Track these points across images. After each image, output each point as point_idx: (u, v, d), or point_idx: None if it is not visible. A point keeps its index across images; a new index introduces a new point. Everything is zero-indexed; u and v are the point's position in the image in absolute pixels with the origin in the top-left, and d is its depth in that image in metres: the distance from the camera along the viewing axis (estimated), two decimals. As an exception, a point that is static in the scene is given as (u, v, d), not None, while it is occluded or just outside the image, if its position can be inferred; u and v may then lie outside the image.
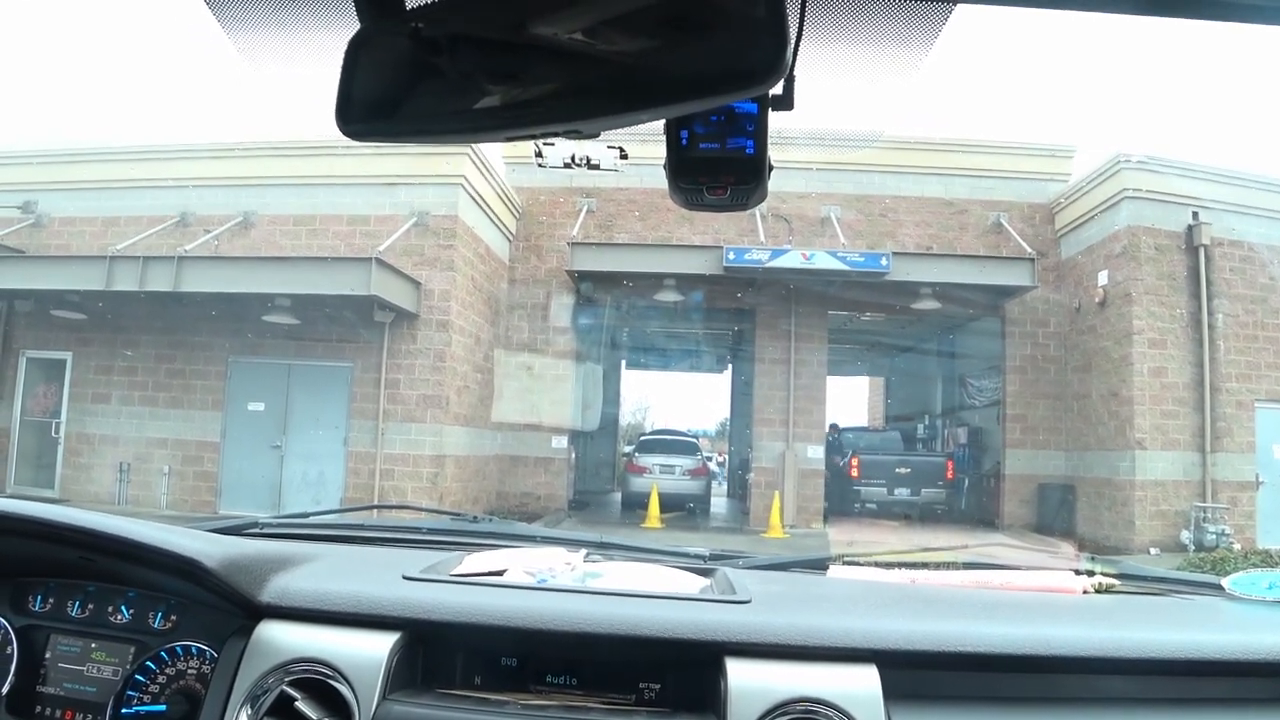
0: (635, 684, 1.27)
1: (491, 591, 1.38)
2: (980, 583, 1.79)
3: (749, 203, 1.00)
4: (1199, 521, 13.47)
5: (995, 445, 16.44)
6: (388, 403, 13.00)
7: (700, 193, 0.97)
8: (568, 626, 1.25)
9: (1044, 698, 1.28)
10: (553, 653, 1.29)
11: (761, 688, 1.18)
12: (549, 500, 15.38)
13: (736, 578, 1.56)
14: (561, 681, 1.28)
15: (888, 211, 15.77)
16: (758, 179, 0.96)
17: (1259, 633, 1.42)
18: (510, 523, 2.40)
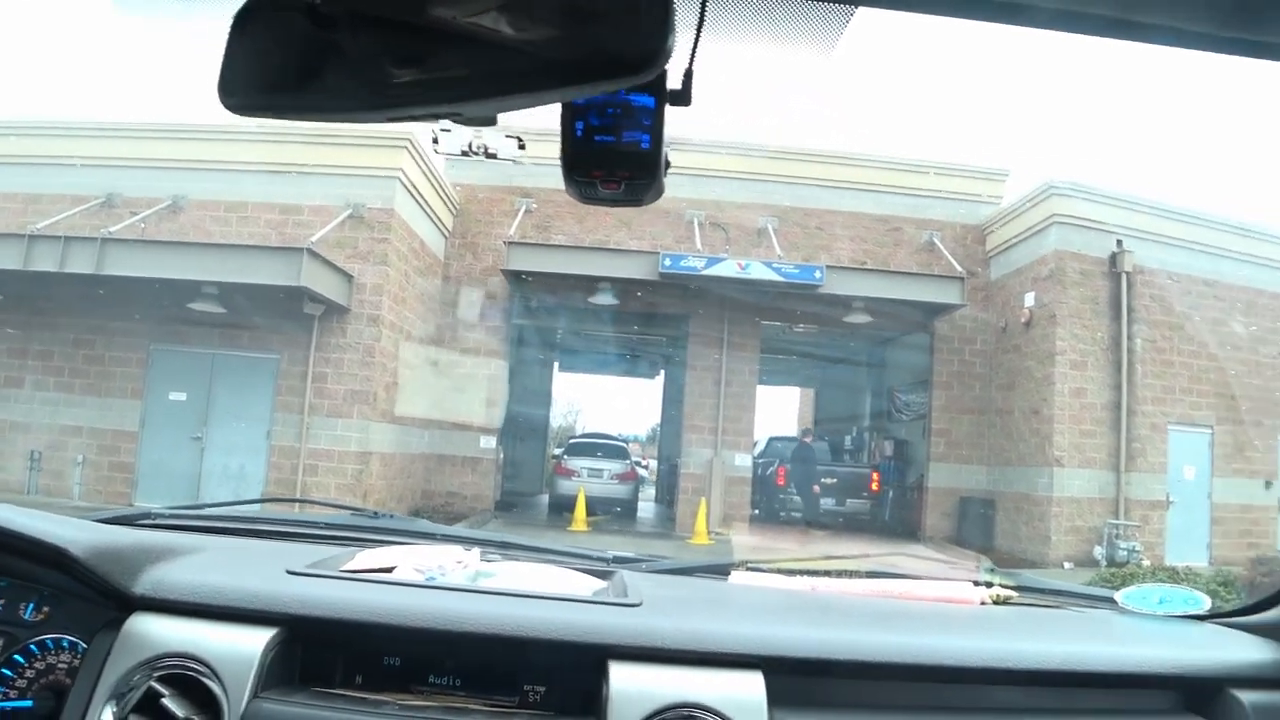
0: (520, 686, 1.27)
1: (376, 588, 1.38)
2: (880, 592, 1.84)
3: (644, 198, 1.00)
4: (1111, 538, 14.29)
5: (920, 458, 17.22)
6: (314, 397, 13.04)
7: (594, 186, 0.97)
8: (452, 626, 1.25)
9: (934, 707, 1.32)
10: (437, 652, 1.28)
11: (643, 692, 1.18)
12: (475, 501, 15.57)
13: (634, 581, 1.57)
14: (445, 682, 1.27)
15: (824, 225, 16.40)
16: (653, 175, 0.96)
17: (1148, 646, 1.47)
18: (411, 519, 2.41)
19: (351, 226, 13.39)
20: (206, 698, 1.20)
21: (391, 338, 13.75)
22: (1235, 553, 14.66)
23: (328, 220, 13.14)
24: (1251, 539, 15.10)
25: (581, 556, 1.90)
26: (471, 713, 1.23)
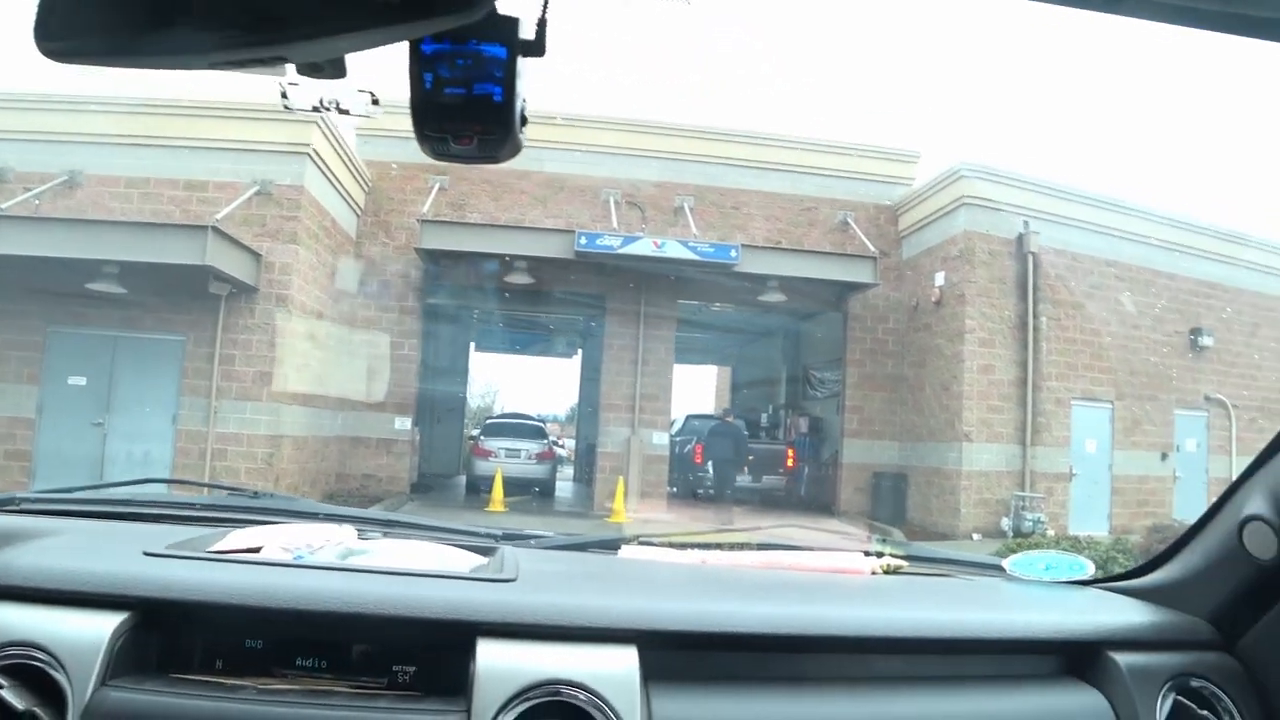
0: (389, 667, 1.23)
1: (237, 569, 1.33)
2: (770, 563, 1.84)
3: (499, 155, 0.96)
4: (1018, 510, 14.89)
5: (834, 435, 17.67)
6: (222, 379, 12.79)
7: (446, 141, 0.94)
8: (316, 605, 1.20)
9: (817, 678, 1.31)
10: (302, 634, 1.23)
11: (511, 669, 1.16)
12: (391, 483, 15.50)
13: (515, 557, 1.53)
14: (311, 664, 1.23)
15: (740, 205, 16.66)
16: (507, 129, 0.93)
17: (1032, 612, 1.50)
18: (293, 498, 2.33)
19: (259, 204, 13.14)
20: (50, 688, 1.14)
21: (302, 318, 13.55)
22: (1134, 521, 15.38)
23: (234, 197, 12.87)
24: (1149, 508, 15.85)
25: (468, 534, 1.87)
26: (335, 695, 1.18)
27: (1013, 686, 1.39)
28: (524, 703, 1.14)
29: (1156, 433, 16.60)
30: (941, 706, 1.32)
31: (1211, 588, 1.48)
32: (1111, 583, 1.73)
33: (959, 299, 15.36)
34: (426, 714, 1.16)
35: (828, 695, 1.28)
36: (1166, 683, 1.37)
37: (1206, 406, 17.09)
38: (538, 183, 16.23)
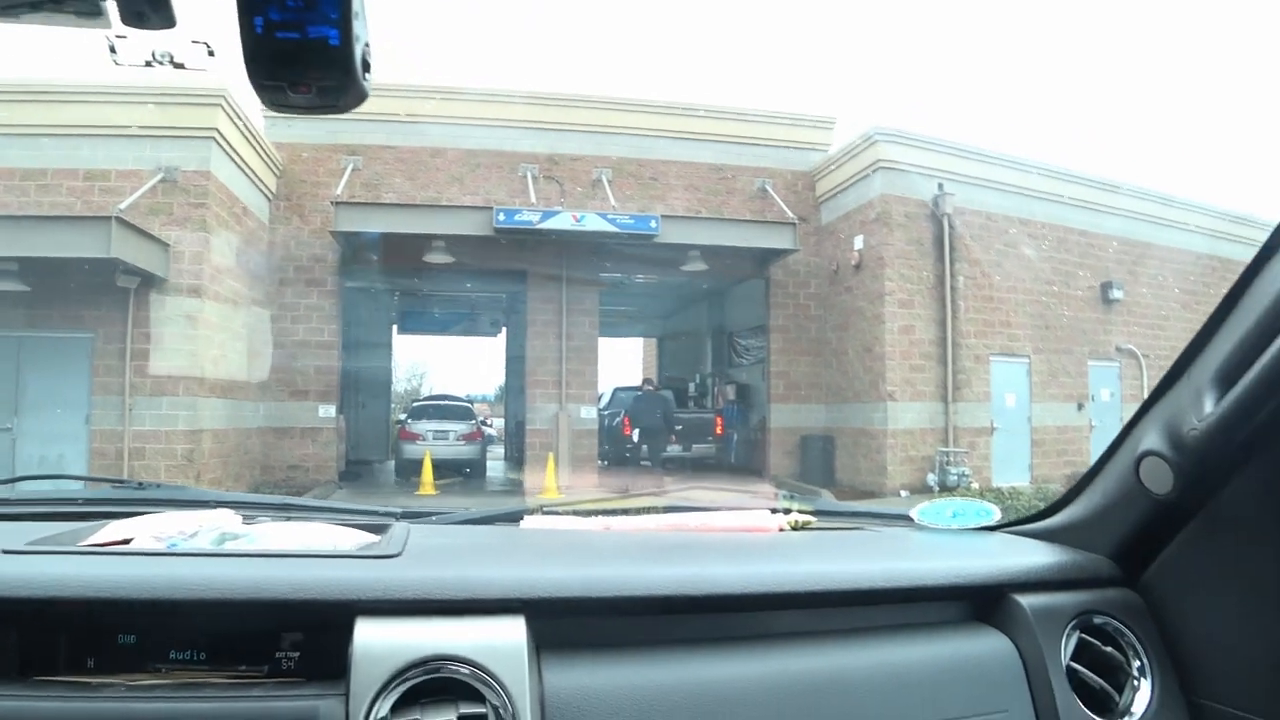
0: (271, 653, 1.18)
1: (103, 561, 1.25)
2: (675, 526, 1.82)
3: (341, 103, 0.93)
4: (943, 465, 15.37)
5: (761, 401, 17.96)
6: (135, 376, 12.49)
7: (283, 91, 0.90)
8: (188, 594, 1.15)
9: (718, 638, 1.30)
10: (177, 625, 1.17)
11: (391, 647, 1.13)
12: (318, 472, 15.35)
13: (408, 533, 1.49)
14: (187, 656, 1.17)
15: (658, 175, 16.77)
16: (346, 75, 0.89)
17: (939, 559, 1.51)
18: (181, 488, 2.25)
19: (165, 191, 12.85)
20: None
21: (216, 308, 13.29)
22: (1053, 471, 15.99)
23: (138, 185, 12.58)
24: (1067, 457, 16.47)
25: (365, 513, 1.81)
26: (211, 686, 1.14)
27: (919, 634, 1.39)
28: (404, 682, 1.10)
29: (1072, 384, 17.23)
30: (846, 658, 1.31)
31: (1112, 525, 1.49)
32: (1017, 526, 1.75)
33: (878, 262, 15.67)
34: (303, 700, 1.11)
35: (729, 654, 1.27)
36: (1070, 621, 1.40)
37: (1118, 357, 17.78)
38: (453, 160, 16.13)
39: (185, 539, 1.45)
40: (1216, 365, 1.23)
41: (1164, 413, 1.33)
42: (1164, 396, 1.34)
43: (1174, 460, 1.30)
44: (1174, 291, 18.17)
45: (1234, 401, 1.18)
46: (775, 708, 1.21)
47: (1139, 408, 1.39)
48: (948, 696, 1.30)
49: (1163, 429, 1.32)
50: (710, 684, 1.21)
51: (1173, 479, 1.31)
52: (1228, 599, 1.34)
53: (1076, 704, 1.32)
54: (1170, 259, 18.22)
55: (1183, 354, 1.29)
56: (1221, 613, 1.35)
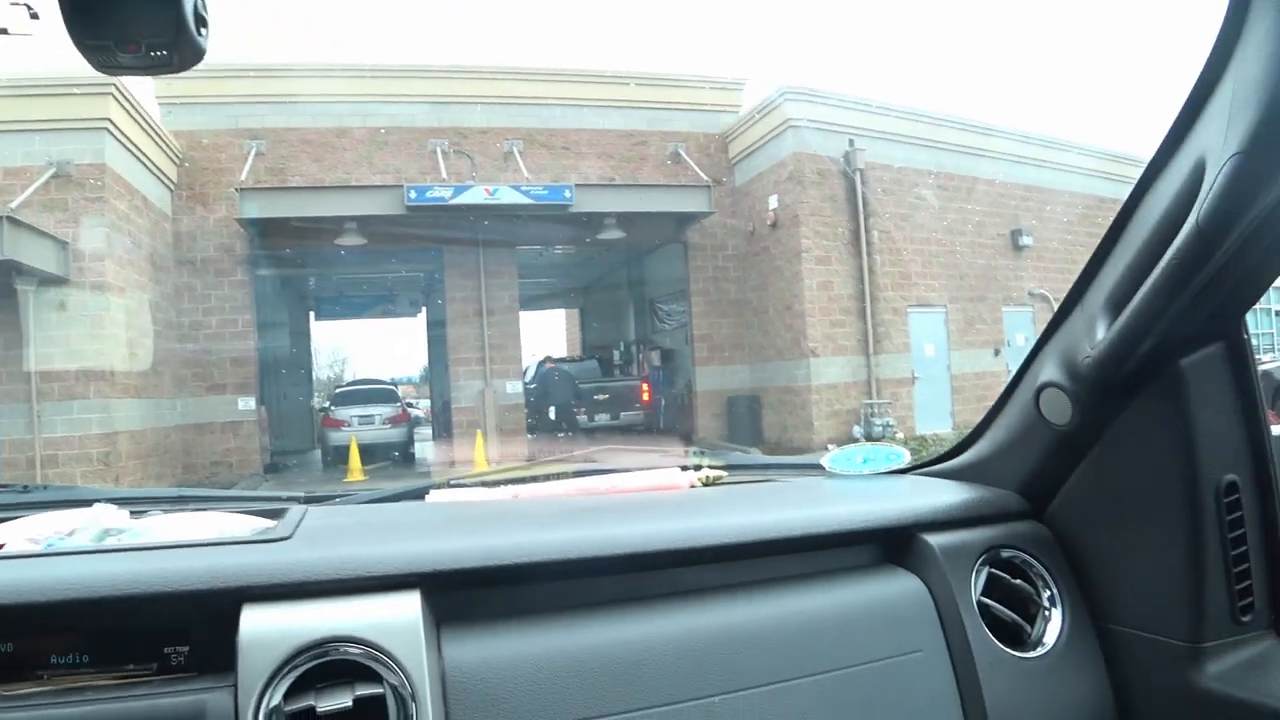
0: (159, 650, 1.13)
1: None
2: (586, 490, 1.80)
3: (174, 61, 0.87)
4: (867, 417, 15.74)
5: (686, 364, 18.20)
6: (41, 381, 12.15)
7: (109, 50, 0.85)
8: (62, 595, 1.09)
9: (626, 598, 1.28)
10: (55, 628, 1.12)
11: (280, 633, 1.09)
12: (243, 466, 15.15)
13: (304, 516, 1.44)
14: (69, 661, 1.11)
15: (570, 145, 16.75)
16: (178, 31, 0.84)
17: (850, 504, 1.49)
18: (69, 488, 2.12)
19: (59, 187, 12.50)
20: None
21: (122, 305, 12.96)
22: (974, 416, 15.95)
23: (29, 182, 12.23)
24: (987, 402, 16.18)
25: (265, 499, 1.74)
26: (94, 689, 1.08)
27: (832, 580, 1.38)
28: (295, 669, 1.06)
29: (988, 331, 17.76)
30: (759, 609, 1.30)
31: (1017, 459, 1.51)
32: (926, 468, 1.76)
33: (793, 220, 15.92)
34: (191, 695, 1.07)
35: (639, 614, 1.26)
36: (979, 557, 1.41)
37: (1031, 302, 18.34)
38: (360, 139, 15.91)
39: (62, 539, 1.38)
40: (1105, 295, 1.27)
41: (1060, 344, 1.37)
42: (1059, 328, 1.37)
43: (1071, 390, 1.34)
44: (1080, 235, 18.73)
45: (1122, 328, 1.23)
46: (688, 663, 1.21)
47: (1036, 342, 1.43)
48: (862, 640, 1.30)
49: (1059, 360, 1.36)
50: (620, 645, 1.20)
51: (1071, 409, 1.35)
52: (1129, 524, 1.37)
53: (989, 638, 1.34)
54: (1075, 203, 18.80)
55: (1074, 286, 1.33)
56: (1124, 538, 1.38)
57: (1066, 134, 19.55)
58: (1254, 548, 1.30)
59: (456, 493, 1.83)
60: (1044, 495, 1.50)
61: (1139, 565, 1.36)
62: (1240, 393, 1.30)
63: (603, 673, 1.17)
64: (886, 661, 1.30)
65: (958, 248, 17.35)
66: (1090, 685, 1.38)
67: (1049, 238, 18.60)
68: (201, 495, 1.81)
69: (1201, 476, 1.27)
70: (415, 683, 1.07)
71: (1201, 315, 1.20)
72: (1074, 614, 1.40)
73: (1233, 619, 1.29)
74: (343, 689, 1.06)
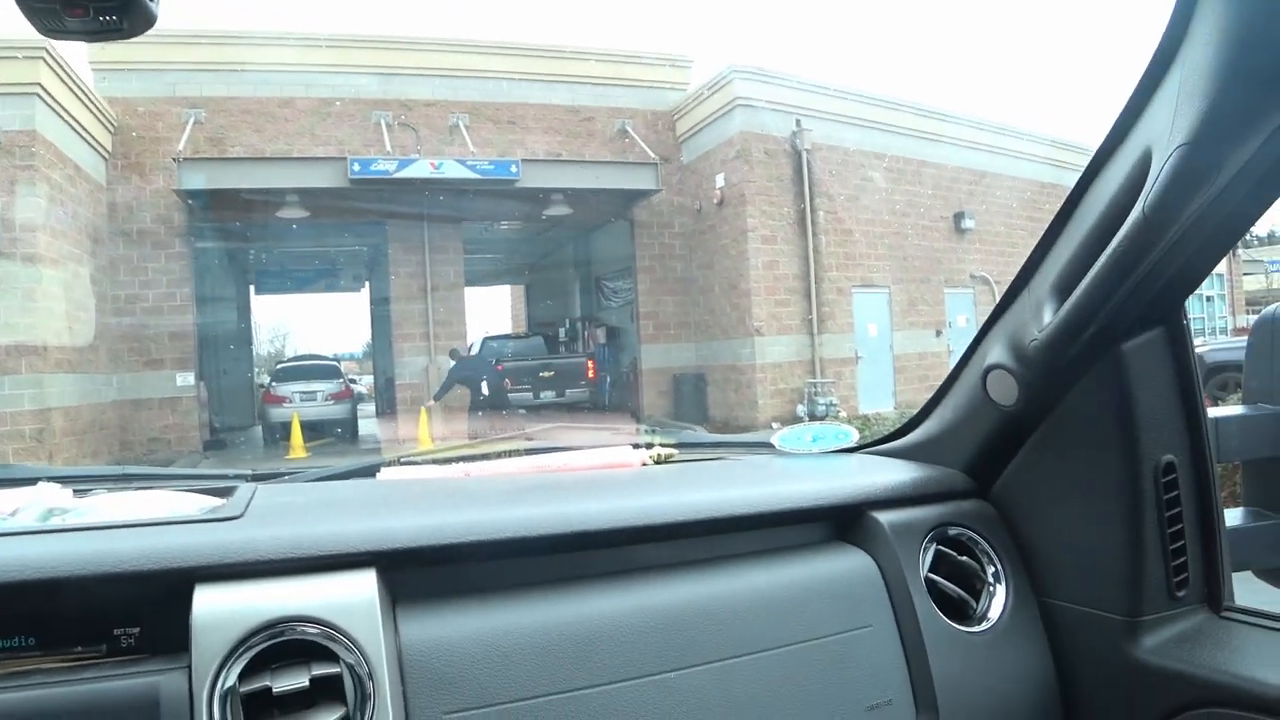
0: (109, 632, 1.12)
1: None
2: (538, 468, 1.81)
3: (125, 25, 0.85)
4: (811, 396, 15.92)
5: (632, 342, 18.30)
6: (-30, 355, 11.91)
7: (56, 14, 0.83)
8: (6, 577, 1.07)
9: (576, 576, 1.29)
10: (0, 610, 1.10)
11: (233, 613, 1.08)
12: (181, 444, 14.94)
13: (254, 494, 1.42)
14: (14, 644, 1.09)
15: (516, 119, 16.64)
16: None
17: (800, 482, 1.50)
18: (10, 465, 1.97)
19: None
20: None
21: (54, 276, 12.67)
22: (916, 396, 16.70)
23: (-47, 148, 11.81)
24: (929, 383, 17.14)
25: (212, 477, 1.74)
26: (41, 673, 1.06)
27: (782, 557, 1.40)
28: (250, 649, 1.05)
29: (930, 312, 18.06)
30: (711, 586, 1.31)
31: (964, 439, 1.55)
32: (875, 446, 1.77)
33: (740, 199, 16.02)
34: (144, 676, 1.06)
35: (593, 592, 1.26)
36: (927, 534, 1.44)
37: (972, 284, 18.69)
38: (303, 110, 15.67)
39: (4, 519, 1.36)
40: (1052, 279, 1.29)
41: (1007, 327, 1.39)
42: (1006, 311, 1.40)
43: (1017, 372, 1.37)
44: (1021, 219, 19.12)
45: (1068, 312, 1.25)
46: (641, 641, 1.22)
47: (983, 324, 1.46)
48: (813, 615, 1.32)
49: (1006, 342, 1.39)
50: (574, 622, 1.21)
51: (1017, 390, 1.38)
52: (1070, 503, 1.42)
53: (936, 613, 1.37)
54: (1017, 188, 19.16)
55: (1022, 270, 1.35)
56: (1066, 516, 1.42)
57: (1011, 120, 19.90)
58: (1189, 526, 1.35)
59: (408, 470, 1.84)
60: (989, 474, 1.54)
61: (1080, 542, 1.41)
62: (1179, 376, 1.35)
63: (559, 650, 1.18)
64: (837, 636, 1.33)
65: (902, 230, 17.61)
66: (1033, 658, 1.42)
67: (991, 221, 18.94)
68: (147, 474, 1.79)
69: (1141, 457, 1.32)
70: (372, 662, 1.07)
71: (1144, 300, 1.25)
72: (1017, 589, 1.44)
73: (1168, 594, 1.34)
74: (299, 669, 1.05)
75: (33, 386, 12.16)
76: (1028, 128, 19.99)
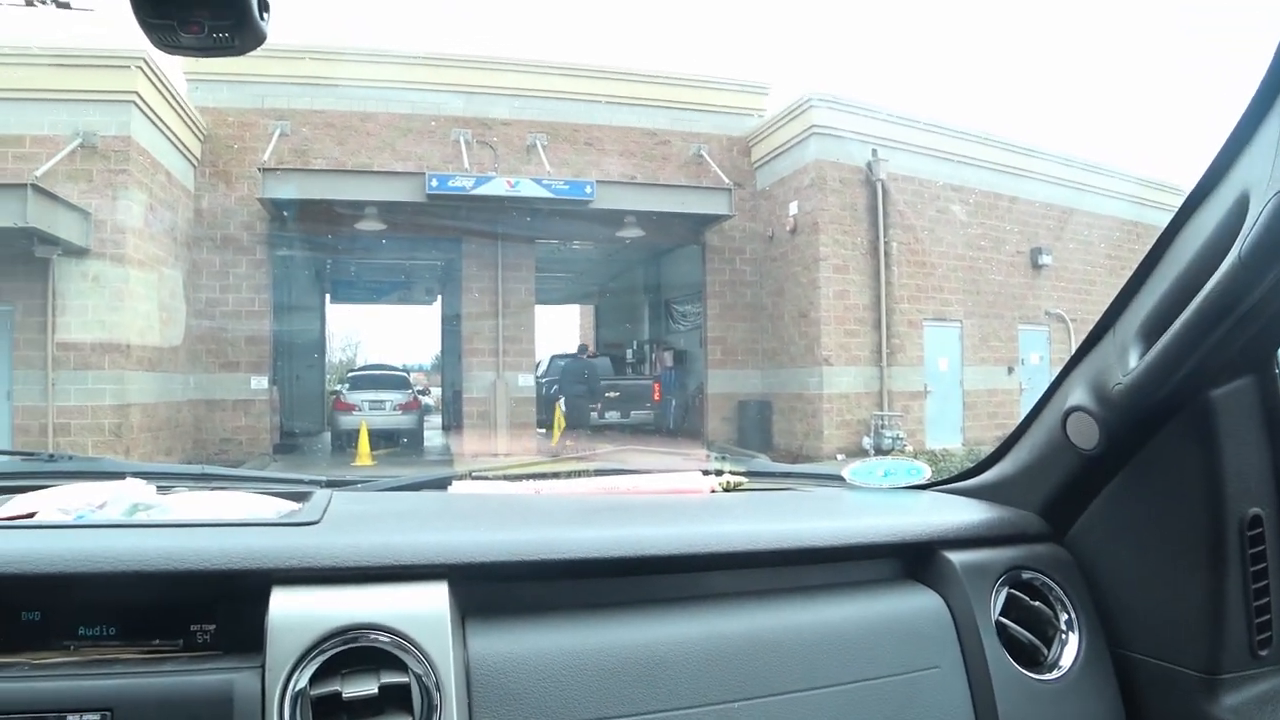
0: (185, 627, 1.15)
1: (3, 535, 1.20)
2: (607, 489, 1.82)
3: (236, 43, 0.89)
4: (878, 428, 15.69)
5: (699, 366, 18.23)
6: (58, 350, 12.25)
7: (173, 30, 0.86)
8: (93, 567, 1.10)
9: (644, 600, 1.28)
10: (85, 600, 1.13)
11: (309, 617, 1.10)
12: (252, 445, 15.20)
13: (330, 500, 1.45)
14: (97, 632, 1.13)
15: (593, 141, 16.77)
16: (241, 14, 0.86)
17: (870, 517, 1.49)
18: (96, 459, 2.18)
19: (84, 158, 12.56)
20: None
21: (141, 278, 13.03)
22: (985, 433, 16.40)
23: (54, 151, 12.29)
24: (998, 420, 16.91)
25: (288, 481, 1.77)
26: (122, 662, 1.09)
27: (851, 592, 1.38)
28: (323, 653, 1.08)
29: (1003, 348, 17.71)
30: (778, 618, 1.30)
31: (1040, 481, 1.51)
32: (947, 484, 1.75)
33: (813, 227, 15.90)
34: (218, 673, 1.08)
35: (659, 617, 1.26)
36: (999, 577, 1.41)
37: (1047, 321, 18.29)
38: (384, 124, 15.97)
39: (93, 511, 1.40)
40: (1139, 322, 1.26)
41: (1090, 369, 1.36)
42: (1089, 354, 1.37)
43: (1100, 415, 1.33)
44: (1099, 256, 18.69)
45: (1156, 357, 1.22)
46: (706, 669, 1.21)
47: (1065, 365, 1.42)
48: (880, 653, 1.30)
49: (1088, 385, 1.35)
50: (639, 647, 1.20)
51: (1098, 434, 1.34)
52: (1150, 552, 1.38)
53: (1006, 658, 1.34)
54: (1096, 224, 18.75)
55: (1107, 312, 1.32)
56: (1145, 566, 1.38)
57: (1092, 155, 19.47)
58: (1275, 582, 1.30)
59: (479, 485, 1.85)
60: (1066, 519, 1.51)
61: (1159, 593, 1.37)
62: (1269, 426, 1.30)
63: (624, 673, 1.17)
64: (904, 676, 1.30)
65: (976, 263, 17.33)
66: (1104, 710, 1.37)
67: (1068, 257, 18.55)
68: (225, 474, 1.83)
69: (1226, 508, 1.27)
70: (440, 673, 1.08)
71: (1234, 348, 1.20)
72: (1091, 639, 1.40)
73: (1250, 652, 1.29)
74: (368, 676, 1.07)
75: (114, 382, 12.46)
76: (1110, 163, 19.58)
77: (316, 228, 15.61)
